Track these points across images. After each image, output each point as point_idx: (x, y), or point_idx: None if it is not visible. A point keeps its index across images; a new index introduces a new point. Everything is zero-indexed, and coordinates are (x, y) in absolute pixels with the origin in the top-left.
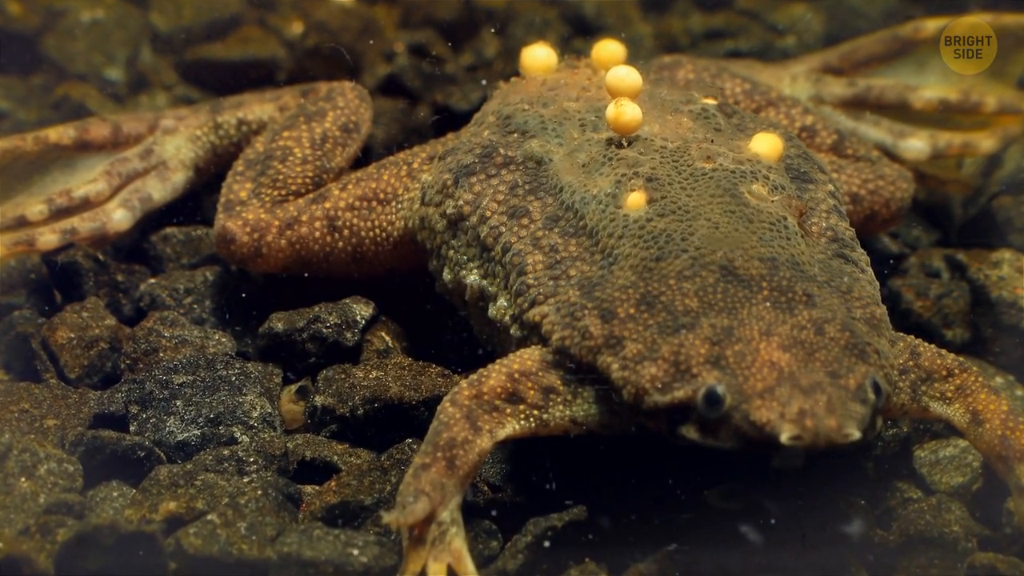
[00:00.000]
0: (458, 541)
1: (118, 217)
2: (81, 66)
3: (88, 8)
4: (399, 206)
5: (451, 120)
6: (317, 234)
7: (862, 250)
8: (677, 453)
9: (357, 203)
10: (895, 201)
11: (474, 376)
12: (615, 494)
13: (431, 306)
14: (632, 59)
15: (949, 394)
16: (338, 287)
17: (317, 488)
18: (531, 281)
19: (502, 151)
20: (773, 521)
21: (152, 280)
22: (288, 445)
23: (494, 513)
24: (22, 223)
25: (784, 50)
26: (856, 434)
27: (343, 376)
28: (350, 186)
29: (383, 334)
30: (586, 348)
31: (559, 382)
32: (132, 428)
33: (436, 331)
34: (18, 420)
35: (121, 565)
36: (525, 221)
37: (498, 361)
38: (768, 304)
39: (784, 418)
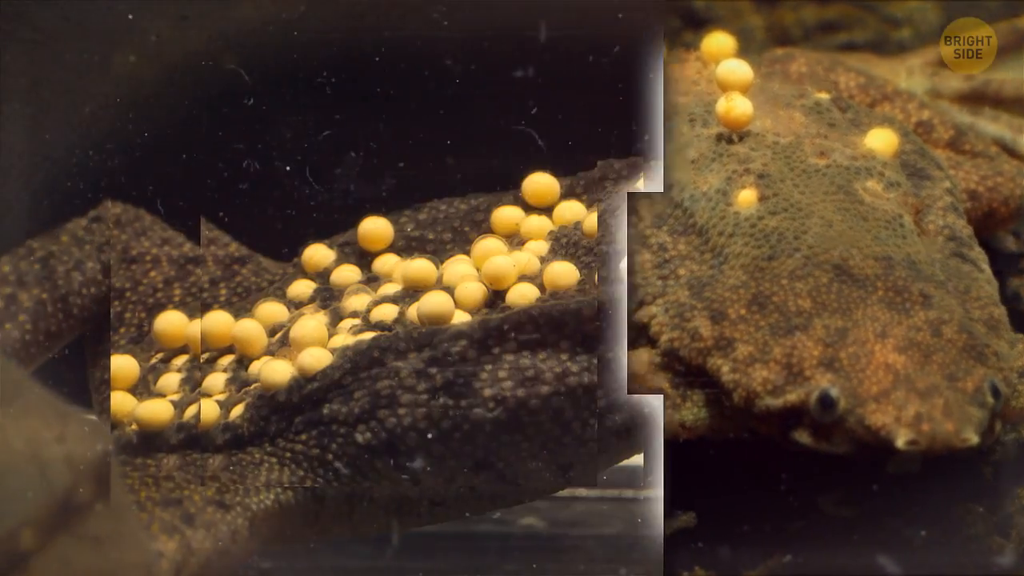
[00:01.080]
0: None
1: None
2: None
3: None
4: None
5: None
6: None
7: (980, 249)
8: (790, 458)
9: None
10: (1014, 198)
11: None
12: (725, 501)
13: None
14: (743, 52)
15: None
16: None
17: None
18: (639, 281)
19: None
20: (888, 529)
21: None
22: None
23: None
24: None
25: (900, 42)
26: (974, 439)
27: None
28: None
29: None
30: (696, 350)
31: (668, 385)
32: None
33: None
34: None
35: None
36: (633, 219)
37: None
38: (883, 305)
39: (900, 422)
